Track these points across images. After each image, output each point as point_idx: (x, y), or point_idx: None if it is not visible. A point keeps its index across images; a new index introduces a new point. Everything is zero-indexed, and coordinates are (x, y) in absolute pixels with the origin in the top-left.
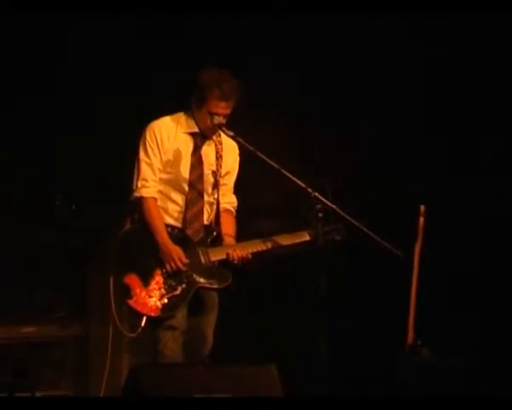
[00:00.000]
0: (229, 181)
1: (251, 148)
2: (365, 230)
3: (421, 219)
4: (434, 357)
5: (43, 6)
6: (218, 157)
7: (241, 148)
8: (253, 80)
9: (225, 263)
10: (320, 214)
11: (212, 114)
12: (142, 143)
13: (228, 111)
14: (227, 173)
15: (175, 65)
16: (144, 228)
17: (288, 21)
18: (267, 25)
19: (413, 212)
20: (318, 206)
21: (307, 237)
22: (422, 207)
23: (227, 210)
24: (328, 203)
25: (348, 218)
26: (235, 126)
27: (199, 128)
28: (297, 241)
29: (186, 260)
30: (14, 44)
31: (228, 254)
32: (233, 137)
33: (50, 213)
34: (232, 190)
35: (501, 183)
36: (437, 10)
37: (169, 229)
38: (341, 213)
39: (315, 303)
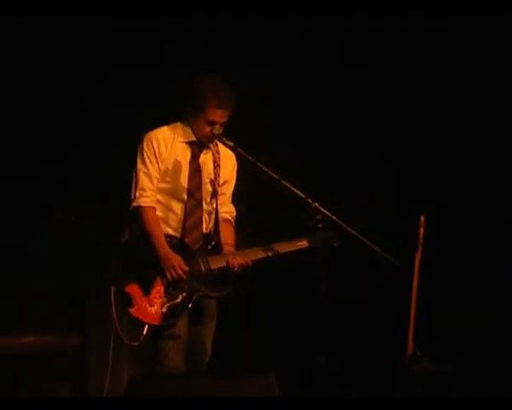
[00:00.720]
0: (227, 190)
1: (251, 158)
2: (364, 239)
3: (421, 230)
4: (434, 367)
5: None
6: (216, 166)
7: (240, 158)
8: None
9: (225, 271)
10: (320, 225)
11: (209, 123)
12: (139, 152)
13: (225, 119)
14: (225, 182)
15: (175, 69)
16: (143, 237)
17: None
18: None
19: (413, 222)
20: (318, 216)
21: (306, 245)
22: (422, 218)
23: (226, 220)
24: (329, 214)
25: (348, 228)
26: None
27: (196, 137)
28: (296, 248)
29: (186, 268)
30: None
31: (228, 262)
32: (233, 148)
33: (50, 223)
34: (230, 199)
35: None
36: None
37: (168, 239)
38: (341, 223)
39: (314, 313)
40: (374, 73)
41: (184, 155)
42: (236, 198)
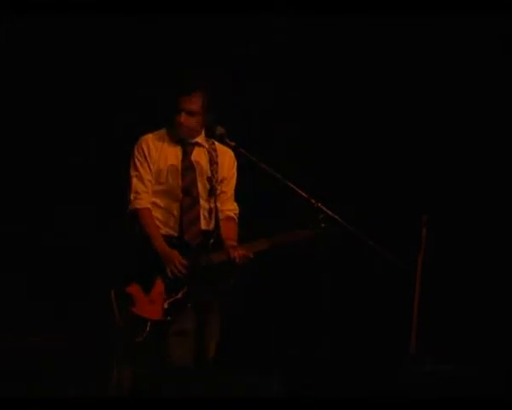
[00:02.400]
0: (228, 189)
1: (253, 158)
2: (366, 239)
3: (424, 229)
4: (437, 366)
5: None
6: (213, 163)
7: (241, 157)
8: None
9: (227, 264)
10: (323, 224)
11: (178, 111)
12: (131, 158)
13: (193, 107)
14: (224, 180)
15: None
16: (141, 238)
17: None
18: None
19: (416, 222)
20: (321, 216)
21: (307, 235)
22: (425, 217)
23: (229, 217)
24: (331, 213)
25: (350, 228)
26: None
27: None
28: (297, 238)
29: (185, 262)
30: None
31: (229, 254)
32: (235, 148)
33: (51, 223)
34: (232, 197)
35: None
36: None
37: (168, 239)
38: (344, 223)
39: (316, 313)
40: (376, 73)
41: (176, 154)
42: (238, 197)
